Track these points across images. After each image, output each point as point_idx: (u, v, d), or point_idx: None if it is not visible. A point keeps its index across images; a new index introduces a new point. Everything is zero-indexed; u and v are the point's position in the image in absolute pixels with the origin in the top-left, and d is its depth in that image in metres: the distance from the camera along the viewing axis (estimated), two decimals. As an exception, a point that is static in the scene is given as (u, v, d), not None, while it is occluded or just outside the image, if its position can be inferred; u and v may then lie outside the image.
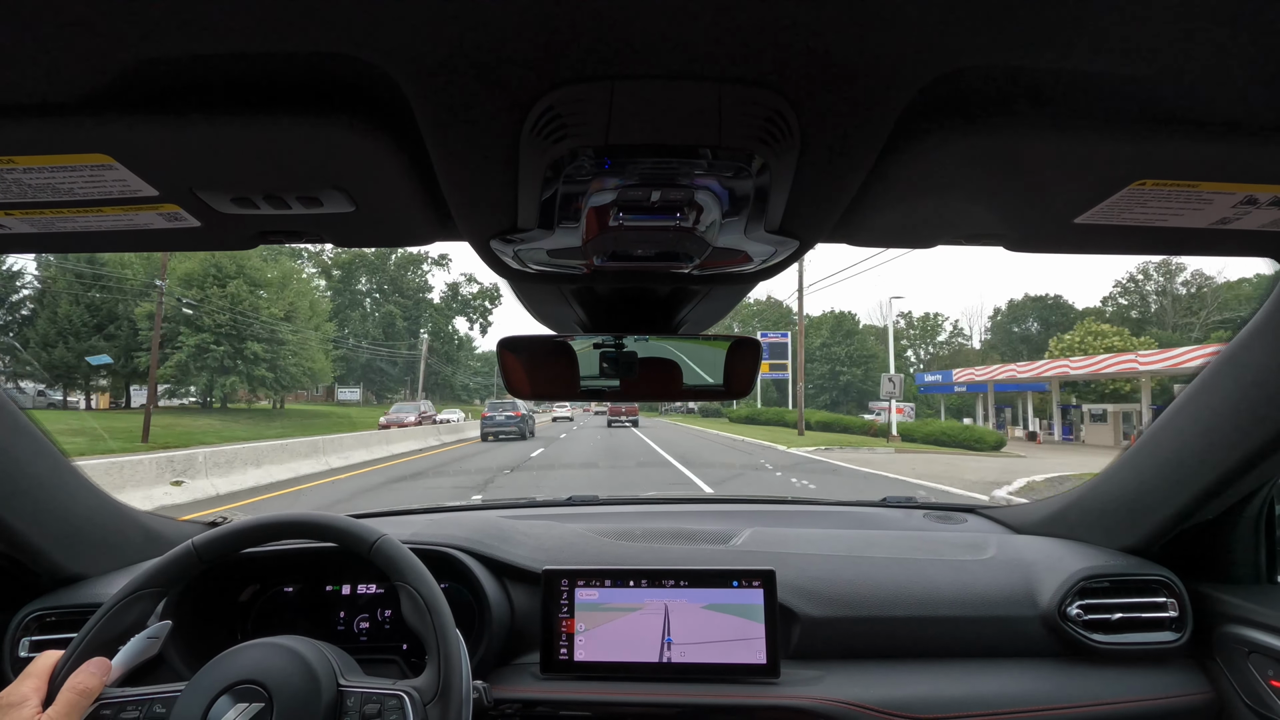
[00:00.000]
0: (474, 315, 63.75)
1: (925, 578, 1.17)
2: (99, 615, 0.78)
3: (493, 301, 62.88)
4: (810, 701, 1.04)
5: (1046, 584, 1.14)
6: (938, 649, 1.12)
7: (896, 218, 0.68)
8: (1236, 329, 0.95)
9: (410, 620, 0.83)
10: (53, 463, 1.08)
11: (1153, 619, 1.10)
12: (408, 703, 0.75)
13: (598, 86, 0.42)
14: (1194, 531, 1.13)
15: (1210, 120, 0.50)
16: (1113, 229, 0.67)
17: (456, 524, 1.32)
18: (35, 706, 0.69)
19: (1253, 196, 0.59)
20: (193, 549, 0.84)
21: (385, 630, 1.19)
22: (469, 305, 63.40)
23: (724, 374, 1.02)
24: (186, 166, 0.54)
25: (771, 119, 0.46)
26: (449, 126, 0.47)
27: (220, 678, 0.75)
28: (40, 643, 1.08)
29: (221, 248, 0.74)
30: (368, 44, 0.39)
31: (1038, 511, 1.43)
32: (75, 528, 1.14)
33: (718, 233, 0.63)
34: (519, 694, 1.08)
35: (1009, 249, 0.76)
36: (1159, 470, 1.12)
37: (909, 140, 0.51)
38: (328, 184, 0.57)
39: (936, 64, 0.41)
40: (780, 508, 1.80)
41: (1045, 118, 0.50)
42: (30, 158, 0.51)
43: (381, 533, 0.86)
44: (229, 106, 0.47)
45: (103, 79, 0.44)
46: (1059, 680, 1.07)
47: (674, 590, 1.12)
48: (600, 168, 0.51)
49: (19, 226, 0.63)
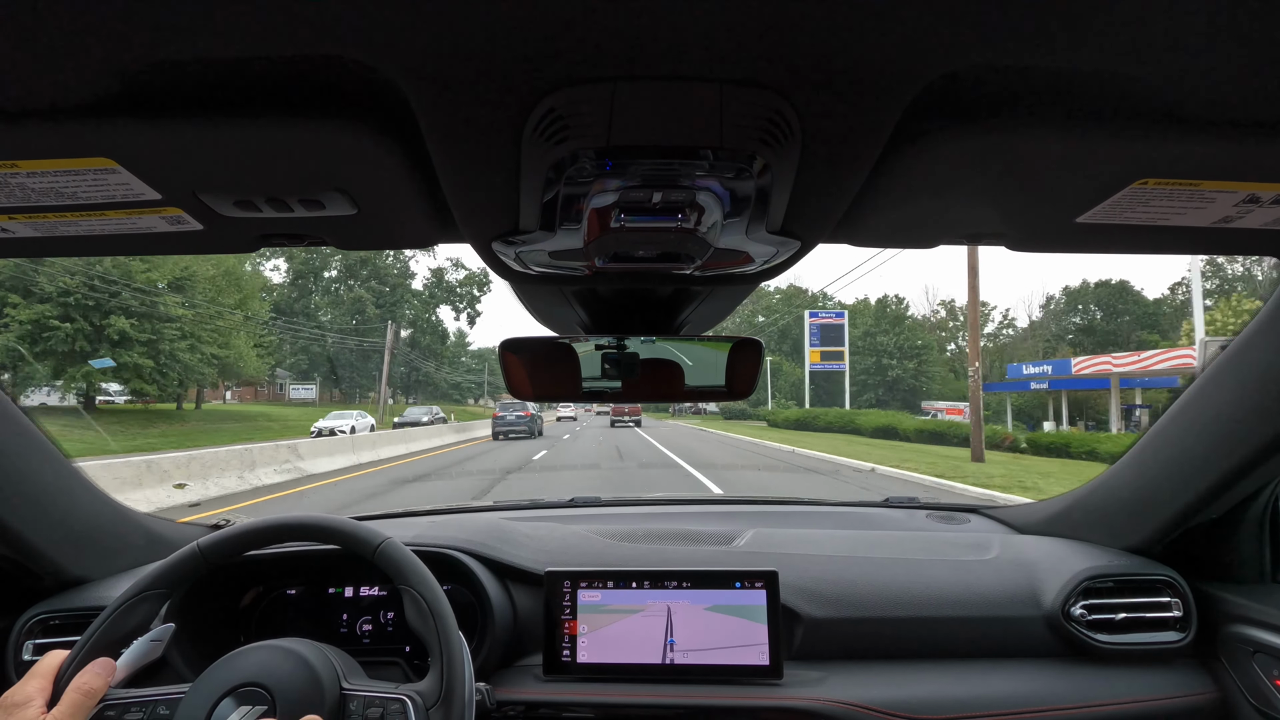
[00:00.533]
0: (460, 304, 57.14)
1: (928, 578, 1.17)
2: (104, 617, 0.79)
3: (481, 289, 56.63)
4: (813, 703, 1.03)
5: (1050, 584, 1.14)
6: (941, 649, 1.11)
7: (898, 218, 0.68)
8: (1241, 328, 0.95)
9: (413, 623, 0.83)
10: (56, 466, 1.09)
11: (1157, 619, 1.10)
12: (410, 706, 0.75)
13: (599, 88, 0.43)
14: (1198, 531, 1.13)
15: (1211, 119, 0.50)
16: (1115, 228, 0.67)
17: (459, 525, 1.32)
18: (40, 707, 0.70)
19: (1255, 195, 0.59)
20: (198, 551, 0.85)
21: (388, 633, 1.19)
22: (454, 293, 56.78)
23: (726, 375, 1.02)
24: (189, 170, 0.54)
25: (773, 119, 0.46)
26: (450, 129, 0.47)
27: (223, 680, 0.75)
28: (44, 646, 1.08)
29: (223, 251, 0.74)
30: (369, 48, 0.40)
31: (1041, 511, 1.43)
32: (78, 531, 1.15)
33: (719, 234, 0.63)
34: (522, 696, 1.08)
35: (1011, 249, 0.76)
36: (1163, 469, 1.11)
37: (910, 140, 0.51)
38: (329, 187, 0.58)
39: (938, 64, 0.41)
40: (783, 508, 1.79)
41: (1046, 117, 0.50)
42: (34, 162, 0.51)
43: (386, 536, 0.86)
44: (231, 110, 0.47)
45: (107, 83, 0.44)
46: (1063, 681, 1.07)
47: (676, 591, 1.12)
48: (602, 169, 0.51)
49: (22, 230, 0.64)
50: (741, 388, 1.02)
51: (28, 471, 1.03)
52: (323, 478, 11.34)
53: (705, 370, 1.03)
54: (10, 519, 1.01)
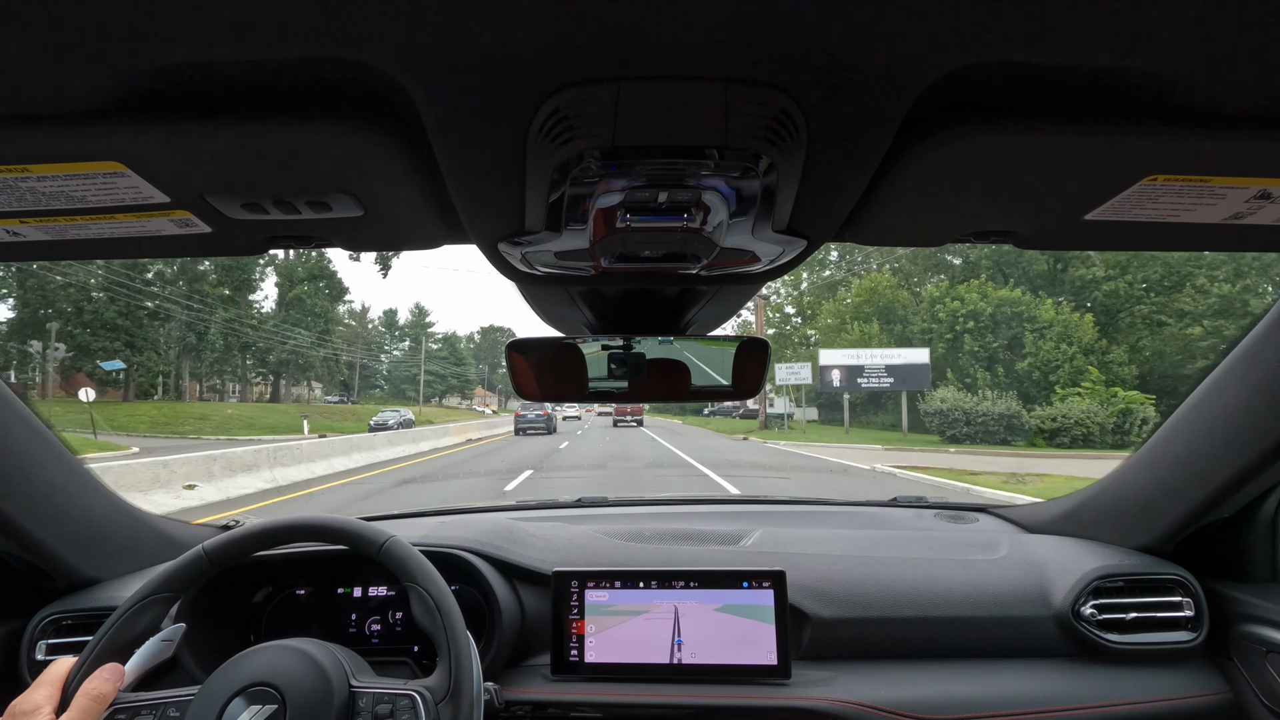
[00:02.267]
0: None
1: (937, 577, 1.16)
2: (112, 621, 0.79)
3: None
4: (822, 703, 1.03)
5: (1059, 583, 1.13)
6: (950, 649, 1.11)
7: (905, 216, 0.68)
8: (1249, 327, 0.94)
9: (420, 621, 0.84)
10: (68, 467, 1.10)
11: (1168, 619, 1.09)
12: (419, 702, 0.76)
13: (604, 88, 0.43)
14: (1209, 530, 1.12)
15: (1222, 115, 0.49)
16: (1124, 225, 0.66)
17: (466, 525, 1.33)
18: (49, 714, 0.70)
19: (1266, 191, 0.58)
20: (203, 554, 0.85)
21: (396, 632, 1.20)
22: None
23: (732, 374, 1.02)
24: (197, 173, 0.54)
25: (779, 119, 0.46)
26: (456, 130, 0.48)
27: (233, 680, 0.75)
28: (57, 646, 1.09)
29: (231, 253, 0.74)
30: (375, 49, 0.40)
31: (1050, 510, 1.42)
32: (90, 532, 1.16)
33: (725, 233, 0.63)
34: (530, 696, 1.08)
35: (1019, 246, 0.75)
36: (1173, 468, 1.10)
37: (917, 138, 0.50)
38: (336, 188, 0.58)
39: (945, 61, 0.41)
40: (790, 508, 1.79)
41: (1054, 114, 0.49)
42: (45, 166, 0.52)
43: (390, 534, 0.87)
44: (239, 113, 0.47)
45: (115, 87, 0.44)
46: (1073, 680, 1.06)
47: (684, 591, 1.12)
48: (607, 169, 0.51)
49: (33, 234, 0.64)
50: (748, 387, 1.02)
51: (40, 473, 1.04)
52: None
53: (711, 370, 1.03)
54: (23, 520, 1.02)
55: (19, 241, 0.66)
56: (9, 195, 0.56)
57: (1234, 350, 0.97)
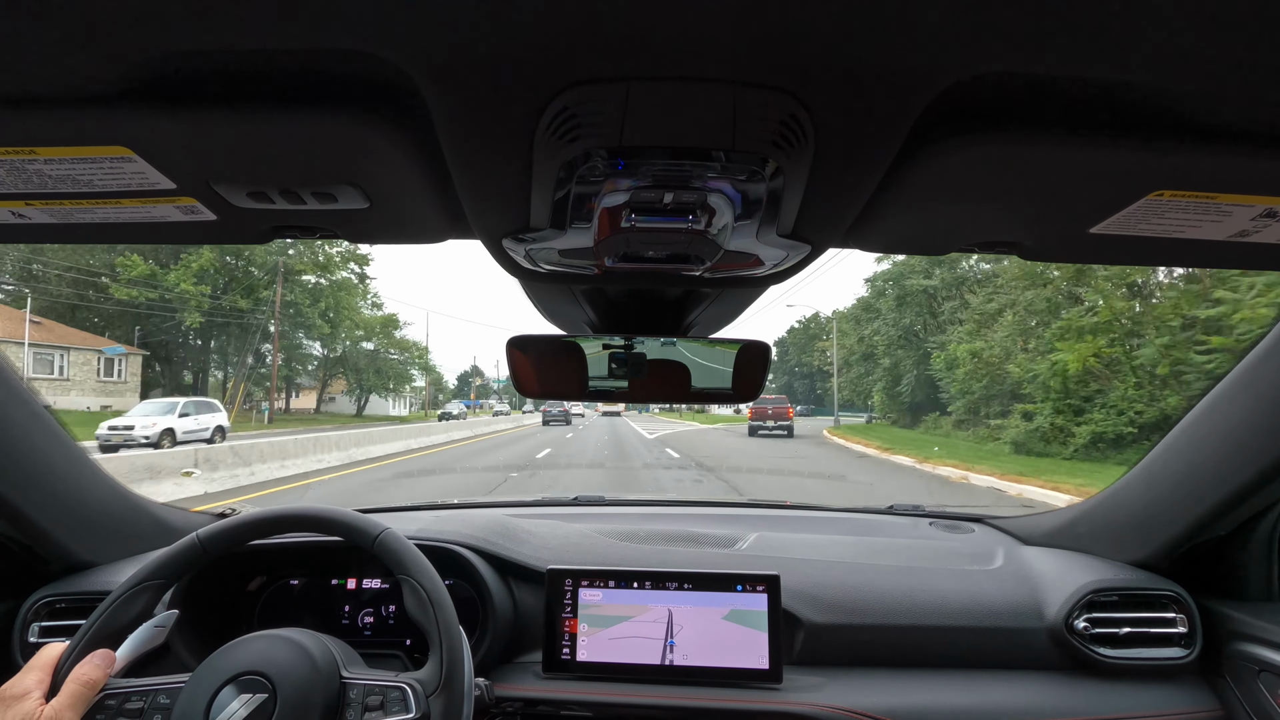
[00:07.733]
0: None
1: (931, 587, 1.16)
2: (104, 607, 0.79)
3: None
4: (812, 708, 1.03)
5: (1053, 596, 1.13)
6: (942, 659, 1.11)
7: (910, 224, 0.68)
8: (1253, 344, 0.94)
9: (413, 613, 0.84)
10: (66, 451, 1.10)
11: (1161, 634, 1.09)
12: (410, 694, 0.76)
13: (613, 87, 0.42)
14: (1205, 547, 1.12)
15: (1230, 132, 0.49)
16: (1129, 239, 0.66)
17: (461, 521, 1.33)
18: (38, 699, 0.70)
19: (1272, 210, 0.58)
20: (197, 542, 0.85)
21: (389, 625, 1.20)
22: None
23: (733, 377, 1.02)
24: (204, 160, 0.55)
25: (787, 123, 0.46)
26: (464, 125, 0.48)
27: (224, 668, 0.75)
28: (50, 628, 1.09)
29: (235, 241, 0.75)
30: (385, 42, 0.40)
31: (1047, 523, 1.42)
32: (87, 515, 1.16)
33: (729, 236, 0.63)
34: (521, 693, 1.08)
35: (1023, 257, 0.75)
36: (1171, 484, 1.10)
37: (924, 146, 0.50)
38: (342, 180, 0.58)
39: (955, 70, 0.41)
40: (786, 513, 1.79)
41: (1062, 126, 0.49)
42: (51, 149, 0.52)
43: (385, 526, 0.87)
44: (247, 102, 0.47)
45: (124, 72, 0.44)
46: (1064, 693, 1.06)
47: (678, 593, 1.12)
48: (614, 168, 0.51)
49: (39, 217, 0.64)
50: (748, 390, 1.02)
51: (37, 455, 1.04)
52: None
53: (712, 372, 1.03)
54: (18, 501, 1.02)
55: (25, 224, 0.66)
56: (15, 177, 0.56)
57: (1234, 368, 0.97)
